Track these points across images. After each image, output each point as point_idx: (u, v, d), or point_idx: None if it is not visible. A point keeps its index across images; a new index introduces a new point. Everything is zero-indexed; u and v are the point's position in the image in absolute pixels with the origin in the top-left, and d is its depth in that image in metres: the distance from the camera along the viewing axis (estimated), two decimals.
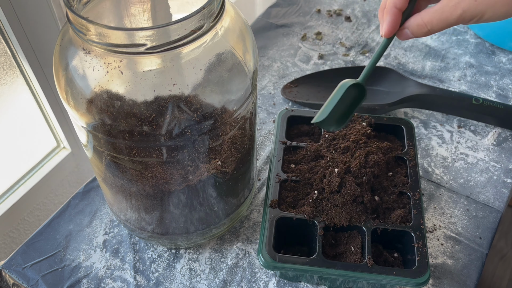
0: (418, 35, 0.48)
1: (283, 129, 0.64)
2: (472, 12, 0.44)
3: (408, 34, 0.48)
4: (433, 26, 0.46)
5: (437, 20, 0.46)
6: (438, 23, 0.46)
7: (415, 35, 0.48)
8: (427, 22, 0.46)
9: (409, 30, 0.48)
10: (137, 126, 0.43)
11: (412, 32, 0.48)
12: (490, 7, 0.44)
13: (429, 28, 0.46)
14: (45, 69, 0.71)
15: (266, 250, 0.52)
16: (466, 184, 0.68)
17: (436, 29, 0.46)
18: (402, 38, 0.49)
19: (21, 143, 0.86)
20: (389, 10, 0.48)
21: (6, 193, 0.87)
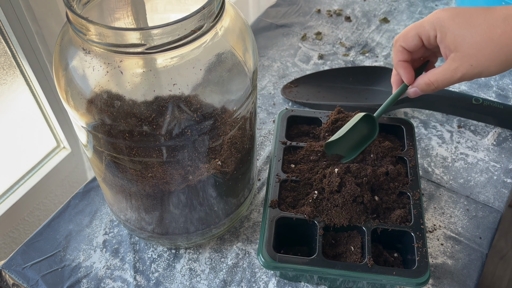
0: (426, 91, 0.55)
1: (283, 129, 0.64)
2: (471, 74, 0.51)
3: (417, 92, 0.56)
4: (439, 84, 0.54)
5: (442, 80, 0.53)
6: (443, 82, 0.53)
7: (423, 91, 0.55)
8: (434, 81, 0.54)
9: (418, 88, 0.56)
10: (137, 126, 0.43)
11: (421, 90, 0.55)
12: (485, 68, 0.50)
13: (435, 86, 0.54)
14: (45, 69, 0.71)
15: (266, 250, 0.52)
16: (466, 184, 0.68)
17: (442, 86, 0.54)
18: (412, 95, 0.57)
19: (21, 143, 0.86)
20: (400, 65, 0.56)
21: (6, 193, 0.87)
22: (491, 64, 0.50)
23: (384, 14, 0.98)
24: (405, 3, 1.01)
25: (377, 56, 0.88)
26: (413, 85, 0.56)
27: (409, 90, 0.56)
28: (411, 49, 0.55)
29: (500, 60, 0.50)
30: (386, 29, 0.94)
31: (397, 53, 0.56)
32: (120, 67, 0.41)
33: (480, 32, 0.50)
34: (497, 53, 0.49)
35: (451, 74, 0.52)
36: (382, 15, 0.98)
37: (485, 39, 0.49)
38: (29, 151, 0.86)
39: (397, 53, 0.56)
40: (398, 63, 0.56)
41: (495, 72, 0.51)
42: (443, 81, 0.53)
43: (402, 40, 0.55)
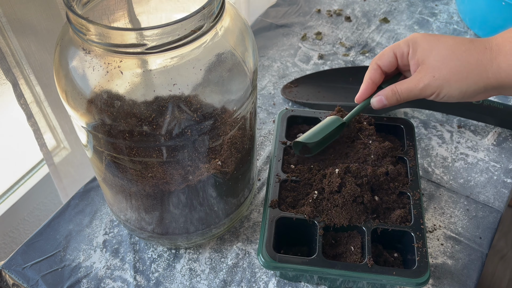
0: (390, 100, 0.57)
1: (283, 129, 0.64)
2: (432, 86, 0.53)
3: (381, 100, 0.57)
4: (402, 93, 0.55)
5: (405, 89, 0.55)
6: (406, 91, 0.55)
7: (389, 101, 0.57)
8: (398, 90, 0.56)
9: (384, 95, 0.57)
10: (137, 126, 0.43)
11: (386, 97, 0.57)
12: (446, 82, 0.53)
13: (399, 94, 0.56)
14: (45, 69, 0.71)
15: (266, 250, 0.52)
16: (466, 184, 0.68)
17: (403, 97, 0.56)
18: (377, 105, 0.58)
19: (21, 143, 0.86)
20: (365, 81, 0.59)
21: (6, 193, 0.87)
22: (451, 78, 0.52)
23: (384, 14, 0.98)
24: (405, 3, 1.01)
25: None
26: (379, 94, 0.57)
27: (374, 98, 0.58)
28: (385, 67, 0.58)
29: (461, 76, 0.52)
30: (386, 29, 0.94)
31: (370, 70, 0.59)
32: (120, 67, 0.41)
33: (446, 47, 0.53)
34: (459, 68, 0.52)
35: (414, 84, 0.54)
36: (382, 15, 0.98)
37: (450, 53, 0.53)
38: (29, 151, 0.86)
39: (370, 70, 0.59)
40: (366, 80, 0.59)
41: (454, 90, 0.53)
42: (406, 90, 0.55)
43: (378, 58, 0.58)
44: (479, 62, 0.52)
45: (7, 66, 0.65)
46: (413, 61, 0.55)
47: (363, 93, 0.59)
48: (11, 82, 0.67)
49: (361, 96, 0.59)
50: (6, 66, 0.65)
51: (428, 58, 0.54)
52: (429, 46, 0.54)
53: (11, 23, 0.64)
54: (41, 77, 0.71)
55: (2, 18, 0.63)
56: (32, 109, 0.72)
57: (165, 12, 0.53)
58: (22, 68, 0.69)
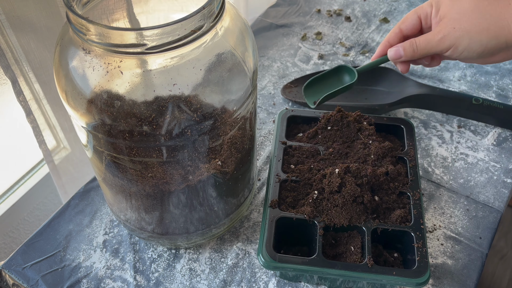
0: (407, 52, 0.56)
1: (283, 129, 0.64)
2: (451, 37, 0.53)
3: (399, 51, 0.57)
4: (419, 45, 0.55)
5: (423, 41, 0.55)
6: (422, 43, 0.55)
7: (405, 52, 0.56)
8: (417, 41, 0.55)
9: (401, 47, 0.56)
10: (137, 126, 0.43)
11: (404, 48, 0.56)
12: (466, 33, 0.52)
13: (414, 48, 0.55)
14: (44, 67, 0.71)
15: (266, 250, 0.52)
16: (466, 184, 0.68)
17: (420, 48, 0.55)
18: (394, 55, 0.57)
19: (21, 143, 0.86)
20: (382, 43, 0.59)
21: (6, 193, 0.87)
22: (472, 29, 0.52)
23: (384, 14, 0.98)
24: (405, 3, 1.01)
25: None
26: (397, 45, 0.57)
27: (392, 49, 0.57)
28: (408, 30, 0.57)
29: (481, 28, 0.52)
30: (386, 29, 0.94)
31: (390, 34, 0.58)
32: (120, 67, 0.41)
33: (469, 1, 0.53)
34: (480, 20, 0.52)
35: (433, 35, 0.54)
36: (382, 15, 0.98)
37: (472, 6, 0.52)
38: (29, 151, 0.86)
39: (391, 34, 0.58)
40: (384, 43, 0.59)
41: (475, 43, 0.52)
42: (424, 41, 0.54)
43: (401, 22, 0.57)
44: (501, 16, 0.52)
45: (6, 63, 0.65)
46: (435, 19, 0.55)
47: (377, 54, 0.60)
48: (10, 79, 0.67)
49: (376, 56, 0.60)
50: (5, 63, 0.65)
51: (450, 12, 0.53)
52: (451, 2, 0.54)
53: (10, 20, 0.64)
54: (40, 74, 0.71)
55: (2, 16, 0.63)
56: (31, 106, 0.72)
57: (164, 12, 0.53)
58: (21, 65, 0.69)
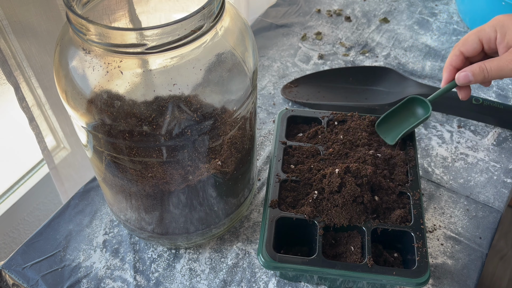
0: (477, 78, 0.54)
1: (283, 129, 0.64)
2: None
3: (467, 76, 0.54)
4: (491, 70, 0.52)
5: (495, 67, 0.52)
6: (494, 70, 0.52)
7: (475, 78, 0.54)
8: (487, 66, 0.53)
9: (470, 71, 0.54)
10: (137, 126, 0.43)
11: (473, 73, 0.54)
12: None
13: (487, 72, 0.53)
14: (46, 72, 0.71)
15: (266, 250, 0.52)
16: (466, 184, 0.68)
17: (492, 75, 0.53)
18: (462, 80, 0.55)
19: (21, 143, 0.86)
20: (446, 68, 0.57)
21: (6, 193, 0.87)
22: None
23: (384, 14, 0.98)
24: (405, 3, 1.01)
25: (377, 56, 0.88)
26: (466, 69, 0.55)
27: (460, 73, 0.55)
28: (469, 53, 0.55)
29: None
30: (386, 29, 0.94)
31: (451, 56, 0.56)
32: (120, 67, 0.41)
33: None
34: None
35: (506, 63, 0.51)
36: (382, 15, 0.98)
37: None
38: (29, 151, 0.86)
39: (452, 56, 0.56)
40: (447, 66, 0.57)
41: None
42: (496, 68, 0.52)
43: (461, 44, 0.55)
44: None
45: (9, 69, 0.65)
46: (502, 45, 0.53)
47: (446, 80, 0.58)
48: (13, 85, 0.67)
49: (446, 83, 0.58)
50: (8, 69, 0.65)
51: None
52: None
53: (12, 25, 0.64)
54: (42, 79, 0.71)
55: (3, 21, 0.63)
56: (34, 112, 0.72)
57: (164, 12, 0.53)
58: (23, 70, 0.69)
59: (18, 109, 0.72)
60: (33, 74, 0.70)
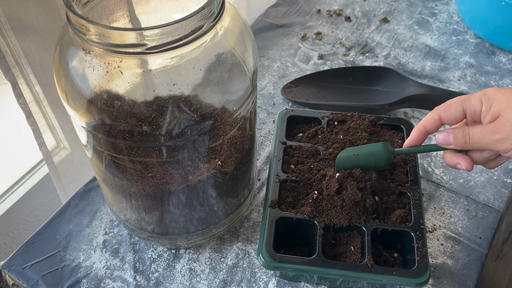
0: (458, 143, 0.50)
1: (283, 129, 0.64)
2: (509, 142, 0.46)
3: (449, 139, 0.50)
4: (472, 138, 0.49)
5: (477, 135, 0.48)
6: (476, 137, 0.48)
7: (455, 141, 0.50)
8: (468, 133, 0.49)
9: (453, 134, 0.50)
10: (137, 126, 0.43)
11: (455, 137, 0.50)
12: None
13: (467, 140, 0.49)
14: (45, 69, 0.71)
15: (266, 250, 0.52)
16: (466, 184, 0.68)
17: (473, 142, 0.49)
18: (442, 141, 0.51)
19: (21, 143, 0.86)
20: (418, 128, 0.53)
21: (6, 193, 0.87)
22: None
23: (384, 14, 0.98)
24: (405, 3, 1.01)
25: (377, 56, 0.88)
26: (448, 130, 0.51)
27: (441, 133, 0.51)
28: (449, 121, 0.51)
29: None
30: (386, 29, 0.94)
31: (428, 119, 0.52)
32: (120, 67, 0.41)
33: None
34: None
35: (489, 133, 0.48)
36: (382, 15, 0.98)
37: None
38: (29, 151, 0.86)
39: (429, 119, 0.52)
40: (419, 127, 0.52)
41: None
42: (479, 136, 0.48)
43: (443, 109, 0.51)
44: None
45: (7, 65, 0.65)
46: (486, 118, 0.49)
47: (413, 140, 0.53)
48: (11, 81, 0.67)
49: (410, 144, 0.54)
50: (6, 65, 0.65)
51: (506, 110, 0.47)
52: (505, 99, 0.48)
53: (11, 22, 0.64)
54: (41, 76, 0.71)
55: (2, 18, 0.63)
56: (32, 109, 0.72)
57: (164, 12, 0.53)
58: (21, 67, 0.69)
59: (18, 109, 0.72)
60: (31, 71, 0.70)
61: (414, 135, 0.53)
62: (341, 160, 0.55)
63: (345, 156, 0.55)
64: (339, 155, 0.55)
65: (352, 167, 0.55)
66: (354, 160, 0.54)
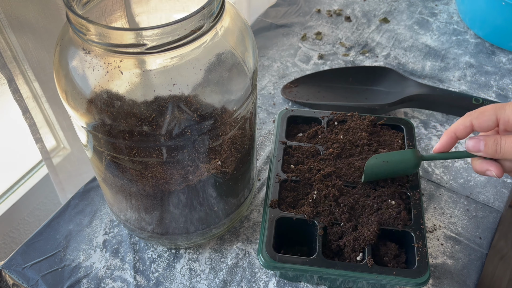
0: (488, 151, 0.48)
1: (283, 129, 0.64)
2: None
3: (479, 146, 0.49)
4: (504, 148, 0.47)
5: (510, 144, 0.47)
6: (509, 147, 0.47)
7: (486, 149, 0.49)
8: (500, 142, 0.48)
9: (484, 141, 0.49)
10: (137, 126, 0.43)
11: (486, 145, 0.49)
12: None
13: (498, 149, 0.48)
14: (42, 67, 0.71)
15: (266, 250, 0.52)
16: (466, 184, 0.68)
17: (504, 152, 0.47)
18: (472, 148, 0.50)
19: (21, 143, 0.86)
20: (448, 133, 0.51)
21: (6, 193, 0.87)
22: None
23: (384, 14, 0.98)
24: (405, 3, 1.01)
25: (377, 56, 0.88)
26: (480, 137, 0.50)
27: (472, 139, 0.50)
28: (480, 127, 0.50)
29: None
30: (386, 29, 0.94)
31: (459, 125, 0.50)
32: (120, 67, 0.41)
33: None
34: None
35: None
36: (382, 15, 0.98)
37: None
38: (29, 151, 0.86)
39: (459, 125, 0.50)
40: (450, 132, 0.51)
41: None
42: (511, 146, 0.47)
43: (475, 116, 0.50)
44: None
45: (3, 62, 0.65)
46: None
47: (442, 146, 0.52)
48: (7, 77, 0.67)
49: (440, 149, 0.53)
50: (2, 62, 0.65)
51: None
52: None
53: (9, 20, 0.64)
54: (38, 73, 0.71)
55: (1, 15, 0.63)
56: (28, 104, 0.72)
57: (164, 12, 0.53)
58: (20, 63, 0.69)
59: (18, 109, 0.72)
60: (29, 67, 0.70)
61: (444, 141, 0.52)
62: (370, 167, 0.54)
63: (374, 164, 0.54)
64: (368, 162, 0.54)
65: (381, 174, 0.54)
66: (384, 167, 0.53)
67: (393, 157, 0.54)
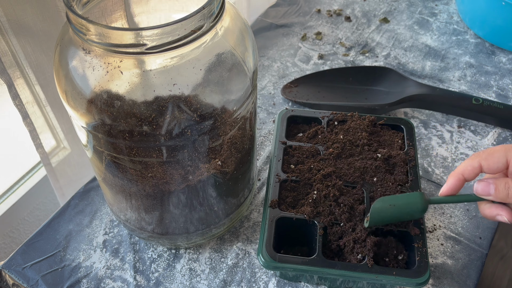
0: (498, 195, 0.46)
1: (283, 129, 0.64)
2: None
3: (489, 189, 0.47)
4: None
5: None
6: None
7: (496, 194, 0.47)
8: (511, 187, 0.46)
9: (494, 185, 0.47)
10: (137, 126, 0.43)
11: (496, 189, 0.46)
12: None
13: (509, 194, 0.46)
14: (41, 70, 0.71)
15: (266, 250, 0.52)
16: (466, 184, 0.68)
17: None
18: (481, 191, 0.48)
19: (21, 143, 0.86)
20: (455, 175, 0.49)
21: (6, 193, 0.87)
22: None
23: (384, 14, 0.98)
24: (405, 3, 1.01)
25: (377, 56, 0.88)
26: (490, 180, 0.47)
27: (481, 182, 0.48)
28: (490, 170, 0.48)
29: None
30: (386, 29, 0.94)
31: (466, 166, 0.48)
32: (120, 67, 0.41)
33: None
34: None
35: None
36: (382, 15, 0.98)
37: None
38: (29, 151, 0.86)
39: (468, 167, 0.48)
40: (457, 174, 0.49)
41: None
42: None
43: (484, 157, 0.48)
44: None
45: (2, 66, 0.65)
46: None
47: (450, 188, 0.49)
48: (6, 82, 0.67)
49: (447, 192, 0.50)
50: (1, 66, 0.65)
51: None
52: None
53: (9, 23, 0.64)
54: (38, 77, 0.71)
55: (2, 18, 0.63)
56: (28, 110, 0.72)
57: (164, 12, 0.53)
58: (21, 67, 0.69)
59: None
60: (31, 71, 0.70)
61: (451, 183, 0.49)
62: (376, 211, 0.52)
63: (380, 207, 0.52)
64: (374, 205, 0.52)
65: (387, 218, 0.52)
66: (390, 211, 0.51)
67: (400, 200, 0.52)
